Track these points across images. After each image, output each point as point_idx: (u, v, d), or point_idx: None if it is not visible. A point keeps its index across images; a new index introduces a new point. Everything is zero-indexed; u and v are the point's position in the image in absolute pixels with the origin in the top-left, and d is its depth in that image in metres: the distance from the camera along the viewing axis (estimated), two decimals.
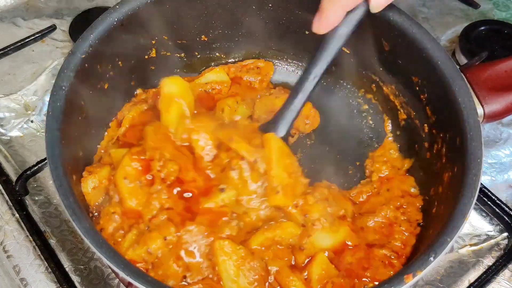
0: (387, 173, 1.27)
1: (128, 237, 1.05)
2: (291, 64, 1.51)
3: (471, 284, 1.19)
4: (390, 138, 1.35)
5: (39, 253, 1.19)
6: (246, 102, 1.37)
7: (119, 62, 1.25)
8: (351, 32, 1.07)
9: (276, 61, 1.50)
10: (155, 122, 1.20)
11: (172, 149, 1.15)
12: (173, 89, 1.19)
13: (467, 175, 0.98)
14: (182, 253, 1.04)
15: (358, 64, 1.36)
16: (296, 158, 1.17)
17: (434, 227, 1.06)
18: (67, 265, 1.19)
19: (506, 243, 1.26)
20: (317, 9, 1.03)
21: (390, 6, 1.18)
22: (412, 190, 1.22)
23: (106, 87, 1.23)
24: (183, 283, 1.03)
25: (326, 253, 1.10)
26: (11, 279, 1.17)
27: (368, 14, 1.05)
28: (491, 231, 1.29)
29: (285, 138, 1.16)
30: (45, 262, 1.18)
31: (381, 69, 1.31)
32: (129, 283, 0.89)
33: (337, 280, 1.05)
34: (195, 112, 1.22)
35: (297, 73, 1.50)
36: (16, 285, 1.16)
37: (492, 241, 1.27)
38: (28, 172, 1.28)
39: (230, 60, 1.49)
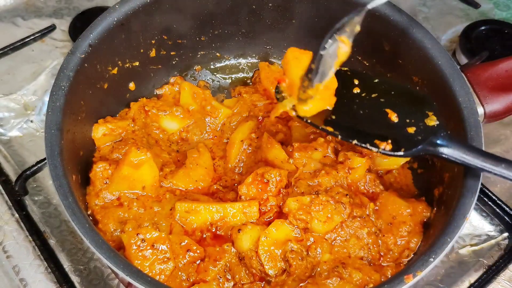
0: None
1: None
2: None
3: (471, 285, 1.19)
4: None
5: (39, 253, 1.19)
6: None
7: (119, 62, 1.25)
8: None
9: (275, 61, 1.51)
10: None
11: None
12: None
13: (468, 175, 0.98)
14: None
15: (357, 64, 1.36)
16: None
17: (434, 227, 1.06)
18: (66, 265, 1.19)
19: (507, 243, 1.26)
20: None
21: (390, 6, 1.18)
22: None
23: (105, 87, 1.23)
24: None
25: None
26: (10, 279, 1.16)
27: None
28: (492, 231, 1.29)
29: None
30: (45, 262, 1.18)
31: (381, 69, 1.31)
32: (129, 283, 0.89)
33: None
34: None
35: None
36: (16, 285, 1.15)
37: (493, 241, 1.27)
38: (28, 172, 1.28)
39: (230, 60, 1.49)
